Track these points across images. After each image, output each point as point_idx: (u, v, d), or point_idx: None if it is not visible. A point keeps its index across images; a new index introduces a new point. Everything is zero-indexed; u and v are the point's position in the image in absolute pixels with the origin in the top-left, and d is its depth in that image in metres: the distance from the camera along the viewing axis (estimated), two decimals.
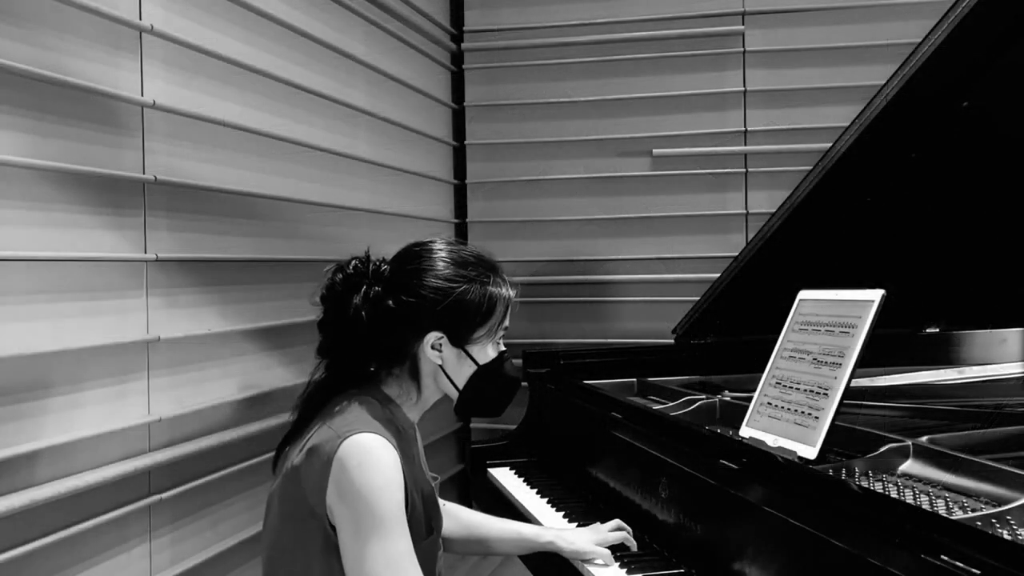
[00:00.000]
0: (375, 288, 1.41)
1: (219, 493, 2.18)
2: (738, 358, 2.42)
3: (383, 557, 1.29)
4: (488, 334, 1.46)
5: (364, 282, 1.42)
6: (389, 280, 1.43)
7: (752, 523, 1.40)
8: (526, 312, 3.77)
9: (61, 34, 1.73)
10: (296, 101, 2.52)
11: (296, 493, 1.35)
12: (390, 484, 1.31)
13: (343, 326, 1.42)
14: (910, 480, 1.45)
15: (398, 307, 1.40)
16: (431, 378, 1.46)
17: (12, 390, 1.61)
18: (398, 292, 1.40)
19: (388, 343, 1.43)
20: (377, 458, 1.31)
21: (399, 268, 1.45)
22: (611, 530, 1.69)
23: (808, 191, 2.10)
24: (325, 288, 1.45)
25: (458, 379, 1.46)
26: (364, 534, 1.29)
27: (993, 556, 0.98)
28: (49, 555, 1.68)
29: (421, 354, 1.43)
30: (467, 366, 1.45)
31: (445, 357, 1.43)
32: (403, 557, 1.31)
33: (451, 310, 1.41)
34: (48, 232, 1.70)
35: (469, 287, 1.42)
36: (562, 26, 3.65)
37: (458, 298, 1.41)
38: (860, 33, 3.36)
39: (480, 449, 2.51)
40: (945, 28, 1.73)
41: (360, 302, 1.39)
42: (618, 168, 3.62)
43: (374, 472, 1.30)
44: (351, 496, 1.30)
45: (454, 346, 1.43)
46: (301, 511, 1.34)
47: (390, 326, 1.41)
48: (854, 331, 1.49)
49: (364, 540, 1.29)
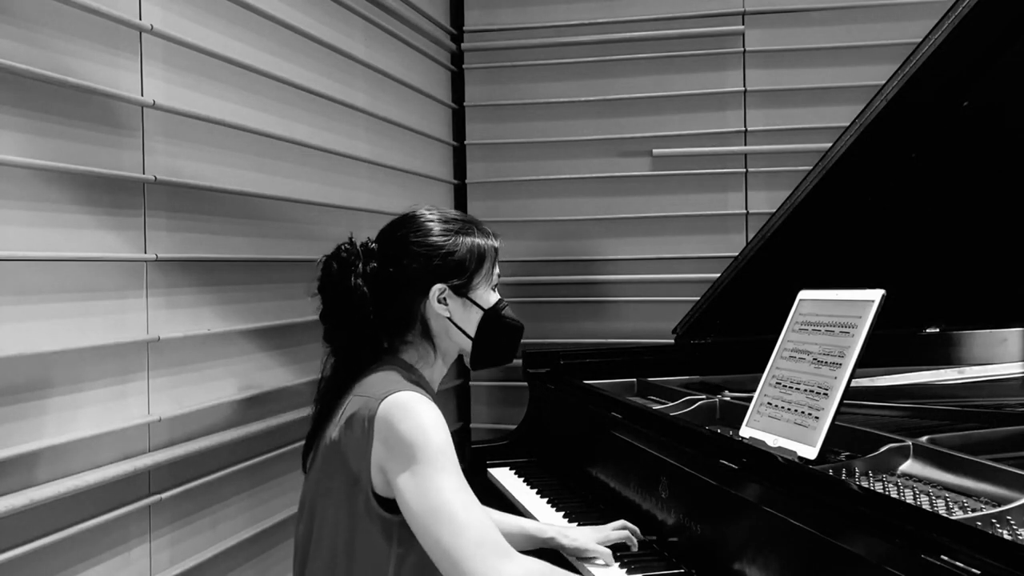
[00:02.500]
0: (371, 264, 1.45)
1: (219, 493, 2.18)
2: (738, 358, 2.43)
3: (442, 483, 1.30)
4: (486, 279, 1.51)
5: (357, 261, 1.46)
6: (381, 252, 1.47)
7: (752, 523, 1.40)
8: (526, 312, 3.76)
9: (61, 34, 1.73)
10: (296, 101, 2.52)
11: (338, 465, 1.37)
12: (437, 425, 1.35)
13: (347, 308, 1.45)
14: (910, 480, 1.45)
15: (397, 272, 1.45)
16: (444, 334, 1.50)
17: (12, 390, 1.61)
18: (393, 259, 1.46)
19: (395, 311, 1.47)
20: (419, 409, 1.34)
21: (388, 239, 1.50)
22: (614, 529, 1.70)
23: (808, 191, 2.10)
24: (321, 277, 1.49)
25: (468, 327, 1.50)
26: (421, 470, 1.30)
27: (993, 556, 0.98)
28: (49, 555, 1.68)
29: (429, 311, 1.47)
30: (474, 312, 1.50)
31: (452, 308, 1.48)
32: (463, 486, 1.33)
33: (447, 262, 1.46)
34: (48, 232, 1.70)
35: (458, 238, 1.48)
36: (562, 26, 3.65)
37: (451, 249, 1.47)
38: (860, 33, 3.36)
39: (480, 449, 2.51)
40: (945, 28, 1.73)
41: (359, 280, 1.44)
42: (618, 168, 3.62)
43: (419, 417, 1.33)
44: (401, 445, 1.32)
45: (458, 296, 1.48)
46: (344, 481, 1.36)
47: (393, 293, 1.45)
48: (854, 331, 1.49)
49: (419, 473, 1.30)
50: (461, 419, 3.81)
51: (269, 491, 2.36)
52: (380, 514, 1.35)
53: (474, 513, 1.30)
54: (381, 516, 1.35)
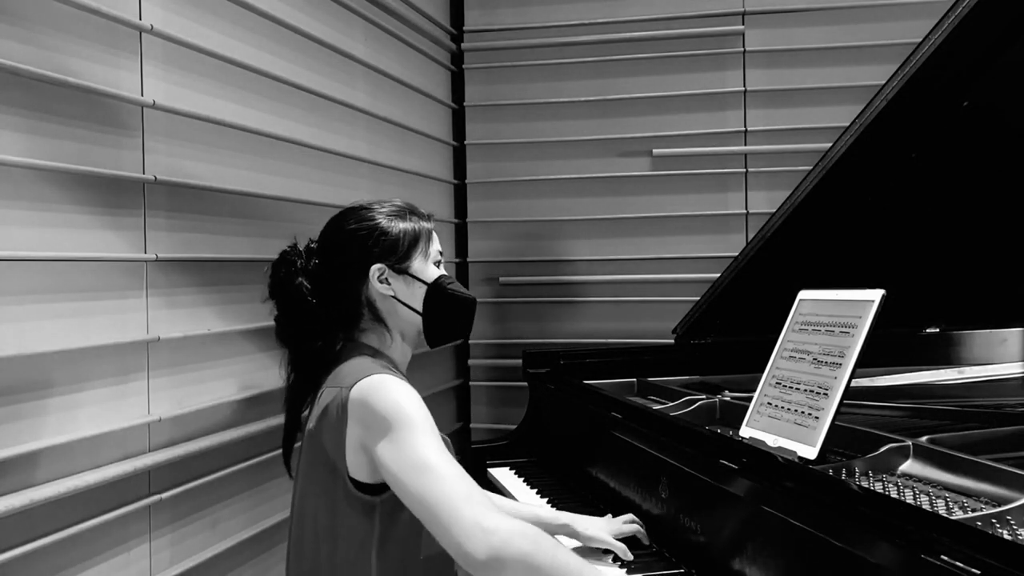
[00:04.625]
0: (312, 260, 1.50)
1: (219, 493, 2.18)
2: (738, 358, 2.43)
3: (423, 443, 1.30)
4: (422, 255, 1.53)
5: (299, 260, 1.52)
6: (321, 248, 1.53)
7: (752, 523, 1.40)
8: (526, 312, 3.77)
9: (61, 34, 1.73)
10: (296, 101, 2.52)
11: (317, 454, 1.39)
12: (411, 398, 1.35)
13: (296, 307, 1.49)
14: (910, 480, 1.45)
15: (337, 262, 1.49)
16: (393, 313, 1.51)
17: (12, 390, 1.61)
18: (332, 251, 1.50)
19: (341, 302, 1.49)
20: (391, 386, 1.36)
21: (326, 234, 1.55)
22: (625, 523, 1.70)
23: (808, 191, 2.10)
24: (270, 282, 1.53)
25: (415, 303, 1.51)
26: (399, 436, 1.30)
27: (993, 556, 0.98)
28: (49, 555, 1.68)
29: (373, 293, 1.50)
30: (417, 287, 1.52)
31: (395, 287, 1.50)
32: (443, 448, 1.32)
33: (380, 242, 1.50)
34: (48, 232, 1.70)
35: (391, 220, 1.52)
36: (562, 26, 3.65)
37: (384, 230, 1.50)
38: (860, 33, 3.36)
39: (480, 449, 2.51)
40: (945, 28, 1.73)
41: (303, 278, 1.48)
42: (618, 168, 3.62)
43: (392, 393, 1.35)
44: (377, 419, 1.33)
45: (398, 274, 1.50)
46: (324, 470, 1.38)
47: (335, 283, 1.48)
48: (854, 331, 1.49)
49: (401, 440, 1.30)
50: (461, 419, 3.80)
51: (269, 491, 2.36)
52: (359, 496, 1.37)
53: (456, 467, 1.30)
54: (360, 499, 1.37)
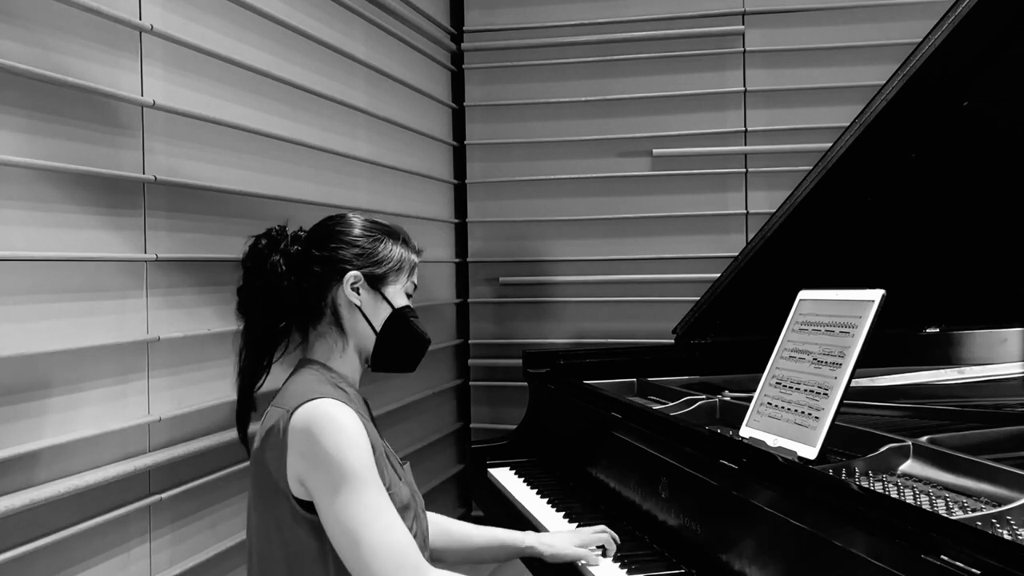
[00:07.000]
0: (295, 246, 1.50)
1: (219, 493, 2.18)
2: (738, 358, 2.42)
3: (360, 505, 1.32)
4: (400, 283, 1.54)
5: (283, 241, 1.51)
6: (307, 239, 1.52)
7: (752, 523, 1.40)
8: (525, 312, 3.77)
9: (61, 34, 1.73)
10: (296, 101, 2.52)
11: (263, 476, 1.39)
12: (354, 439, 1.35)
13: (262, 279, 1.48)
14: (910, 480, 1.45)
15: (318, 254, 1.49)
16: (352, 325, 1.51)
17: (12, 390, 1.61)
18: (317, 243, 1.50)
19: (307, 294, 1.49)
20: (332, 418, 1.35)
21: (316, 229, 1.55)
22: (594, 532, 1.70)
23: (808, 191, 2.10)
24: (247, 252, 1.52)
25: (376, 321, 1.51)
26: (338, 489, 1.32)
27: (993, 556, 0.98)
28: (49, 555, 1.68)
29: (340, 298, 1.49)
30: (383, 308, 1.52)
31: (363, 299, 1.50)
32: (382, 505, 1.34)
33: (366, 252, 1.50)
34: (48, 232, 1.70)
35: (383, 238, 1.53)
36: (562, 26, 3.65)
37: (373, 246, 1.51)
38: (860, 33, 3.36)
39: (480, 449, 2.51)
40: (945, 28, 1.73)
41: (279, 256, 1.48)
42: (618, 168, 3.62)
43: (335, 431, 1.34)
44: (317, 459, 1.33)
45: (371, 287, 1.50)
46: (269, 490, 1.38)
47: (308, 271, 1.48)
48: (854, 331, 1.49)
49: (339, 495, 1.32)
50: (461, 419, 3.81)
51: None
52: (305, 516, 1.36)
53: (389, 531, 1.33)
54: (307, 518, 1.36)
